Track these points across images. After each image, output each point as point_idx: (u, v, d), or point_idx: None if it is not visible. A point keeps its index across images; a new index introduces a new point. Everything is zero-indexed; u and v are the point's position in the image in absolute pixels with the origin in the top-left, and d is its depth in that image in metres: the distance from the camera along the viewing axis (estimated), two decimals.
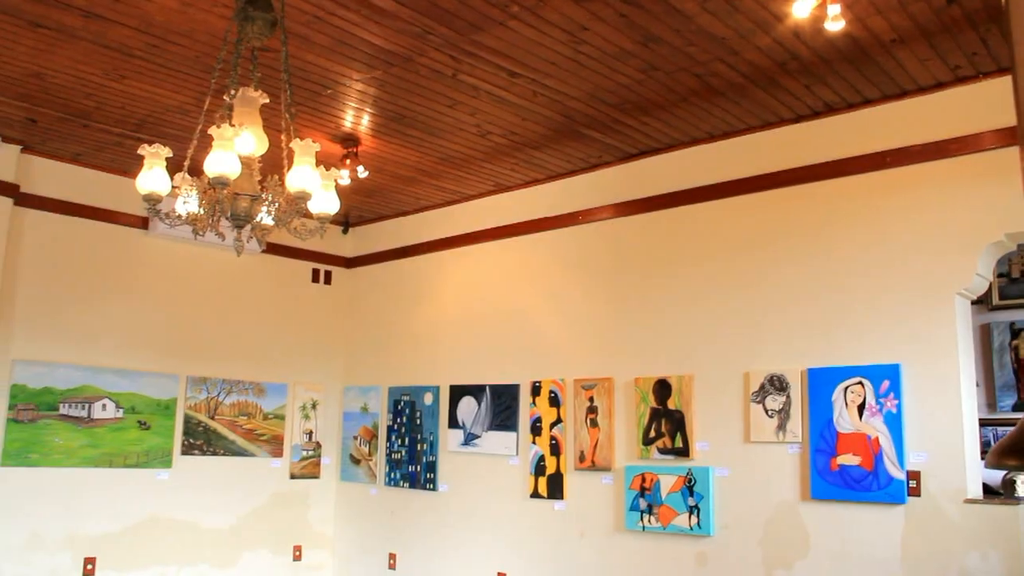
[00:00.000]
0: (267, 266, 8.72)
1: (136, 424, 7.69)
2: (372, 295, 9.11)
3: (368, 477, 8.70)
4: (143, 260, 7.88)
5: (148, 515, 7.71)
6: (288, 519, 8.69)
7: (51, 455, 7.19)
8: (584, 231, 7.18)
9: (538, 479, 7.12)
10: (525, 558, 7.16)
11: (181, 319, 8.08)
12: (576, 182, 7.29)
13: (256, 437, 8.50)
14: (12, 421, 7.02)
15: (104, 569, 7.40)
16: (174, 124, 6.44)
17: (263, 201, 4.25)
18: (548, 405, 7.15)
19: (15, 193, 7.10)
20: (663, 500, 6.25)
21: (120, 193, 7.63)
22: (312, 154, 4.14)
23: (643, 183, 6.81)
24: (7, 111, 6.42)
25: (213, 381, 8.23)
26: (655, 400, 6.43)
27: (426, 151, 6.94)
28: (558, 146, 6.71)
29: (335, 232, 9.29)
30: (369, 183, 7.60)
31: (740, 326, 6.09)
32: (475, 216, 8.07)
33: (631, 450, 6.56)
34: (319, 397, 9.05)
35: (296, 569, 8.71)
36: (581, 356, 7.03)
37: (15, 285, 7.13)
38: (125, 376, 7.64)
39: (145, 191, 4.24)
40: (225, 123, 4.00)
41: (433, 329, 8.32)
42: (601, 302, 6.97)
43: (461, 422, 7.83)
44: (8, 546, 6.93)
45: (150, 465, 7.74)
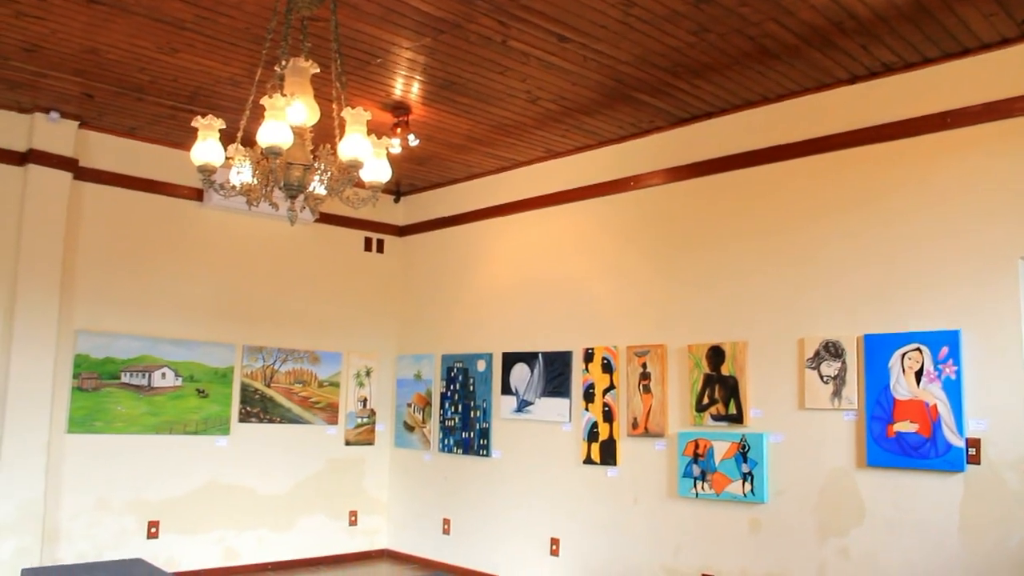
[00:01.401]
0: (320, 235, 8.80)
1: (195, 392, 7.84)
2: (424, 263, 9.16)
3: (422, 444, 8.79)
4: (198, 232, 8.00)
5: (208, 480, 7.89)
6: (343, 485, 8.82)
7: (114, 423, 7.38)
8: (636, 197, 7.13)
9: (591, 445, 7.14)
10: (578, 524, 7.19)
11: (236, 289, 8.20)
12: (628, 147, 7.23)
13: (311, 405, 8.62)
14: (77, 390, 7.21)
15: (167, 532, 7.60)
16: (226, 96, 6.50)
17: (315, 170, 4.28)
18: (601, 372, 7.14)
19: (74, 168, 7.24)
20: (716, 467, 6.23)
21: (175, 165, 7.74)
22: (363, 123, 4.14)
23: (695, 148, 6.73)
24: (65, 87, 6.53)
25: (269, 350, 8.35)
26: (708, 366, 6.39)
27: (477, 118, 6.92)
28: (609, 111, 6.64)
29: (387, 201, 9.33)
30: (420, 151, 7.61)
31: (795, 292, 6.01)
32: (526, 183, 8.05)
33: (684, 416, 6.54)
34: (373, 365, 9.14)
35: (352, 534, 8.85)
36: (634, 323, 7.00)
37: (76, 258, 7.29)
38: (183, 346, 7.79)
39: (199, 162, 4.29)
40: (277, 93, 4.02)
41: (485, 296, 8.35)
42: (653, 268, 6.93)
43: (514, 389, 7.87)
44: (78, 509, 7.16)
45: (209, 432, 7.91)
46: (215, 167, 4.31)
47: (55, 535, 7.04)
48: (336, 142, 4.23)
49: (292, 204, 4.36)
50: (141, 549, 7.39)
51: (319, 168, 4.28)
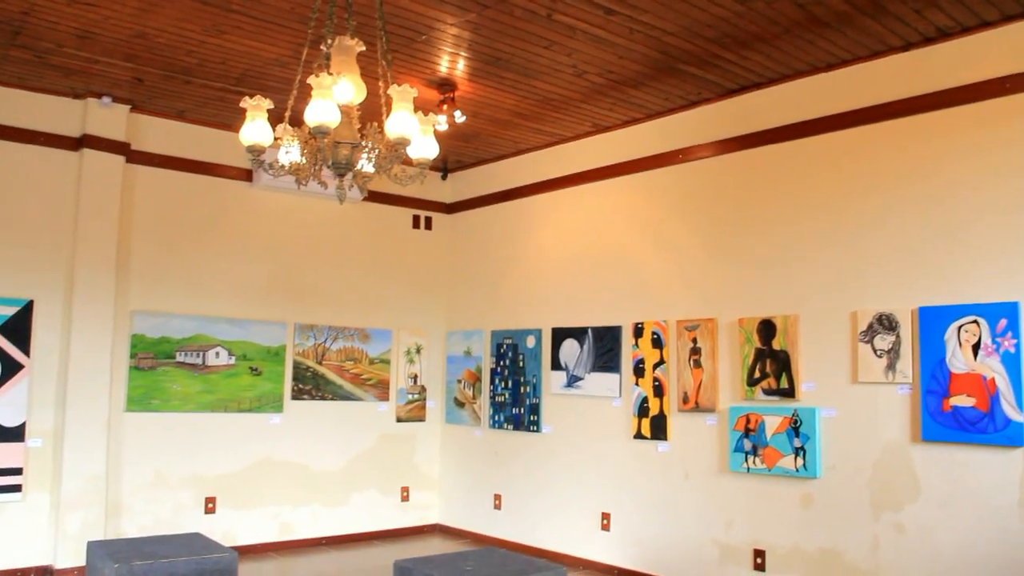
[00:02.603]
0: (368, 214, 8.86)
1: (248, 370, 7.97)
2: (473, 240, 9.18)
3: (472, 419, 8.85)
4: (248, 212, 8.10)
5: (262, 457, 8.02)
6: (395, 461, 8.92)
7: (170, 401, 7.52)
8: (685, 170, 7.06)
9: (641, 420, 7.13)
10: (629, 499, 7.20)
11: (287, 268, 8.30)
12: (675, 120, 7.16)
13: (363, 382, 8.71)
14: (134, 369, 7.36)
15: (223, 507, 7.76)
16: (273, 76, 6.55)
17: (363, 148, 4.30)
18: (651, 346, 7.12)
19: (126, 151, 7.36)
20: (768, 441, 6.19)
21: (224, 147, 7.84)
22: (410, 100, 4.15)
23: (744, 119, 6.64)
24: (116, 72, 6.63)
25: (320, 328, 8.45)
26: (759, 340, 6.34)
27: (523, 93, 6.90)
28: (656, 84, 6.58)
29: (434, 178, 9.35)
30: (467, 128, 7.62)
31: (847, 264, 5.92)
32: (574, 158, 8.02)
33: (735, 391, 6.50)
34: (423, 342, 9.20)
35: (404, 509, 8.96)
36: (683, 297, 6.96)
37: (131, 240, 7.43)
38: (236, 325, 7.91)
39: (248, 142, 4.33)
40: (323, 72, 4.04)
41: (534, 272, 8.35)
42: (703, 242, 6.87)
43: (564, 364, 7.87)
44: (138, 484, 7.34)
45: (262, 409, 8.03)
46: (264, 147, 4.35)
47: (117, 509, 7.22)
48: (383, 120, 4.25)
49: (340, 182, 4.39)
50: (199, 524, 7.55)
51: (367, 146, 4.30)
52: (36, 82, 6.90)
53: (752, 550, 6.28)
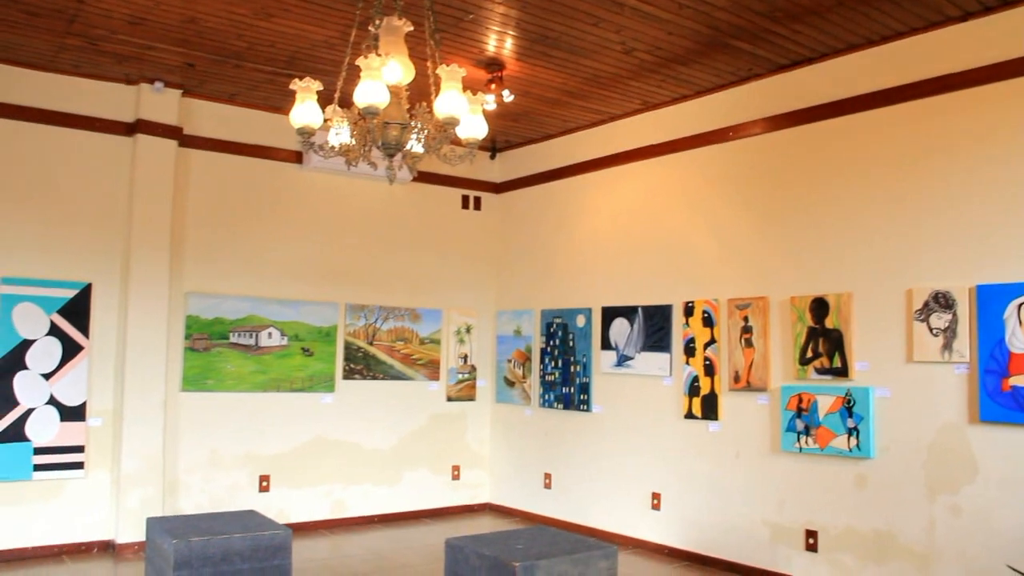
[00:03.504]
0: (418, 194, 8.88)
1: (300, 351, 8.06)
2: (522, 219, 9.17)
3: (523, 399, 8.87)
4: (299, 193, 8.17)
5: (314, 436, 8.13)
6: (446, 440, 8.98)
7: (225, 381, 7.64)
8: (736, 147, 6.98)
9: (692, 400, 7.09)
10: (679, 479, 7.18)
11: (338, 249, 8.36)
12: (725, 97, 7.07)
13: (413, 361, 8.77)
14: (189, 350, 7.48)
15: (277, 485, 7.88)
16: (322, 59, 6.58)
17: (412, 129, 4.31)
18: (702, 325, 7.07)
19: (179, 135, 7.46)
20: (821, 421, 6.12)
21: (274, 129, 7.91)
22: (458, 79, 4.15)
23: (796, 95, 6.54)
24: (167, 57, 6.71)
25: (370, 308, 8.51)
26: (812, 319, 6.26)
27: (571, 72, 6.86)
28: (706, 60, 6.50)
29: (483, 158, 9.35)
30: (515, 107, 7.60)
31: (901, 241, 5.82)
32: (623, 136, 7.96)
33: (787, 370, 6.44)
34: (473, 321, 9.23)
35: (455, 488, 9.02)
36: (734, 275, 6.89)
37: (184, 223, 7.54)
38: (288, 305, 8.00)
39: (299, 124, 4.37)
40: (372, 53, 4.05)
41: (583, 251, 8.32)
42: (754, 220, 6.80)
43: (614, 343, 7.85)
44: (195, 463, 7.48)
45: (314, 389, 8.12)
46: (314, 129, 4.38)
47: (175, 487, 7.37)
48: (432, 100, 4.26)
49: (390, 163, 4.41)
50: (253, 502, 7.68)
51: (416, 126, 4.31)
52: (91, 69, 7.02)
53: (804, 531, 6.23)
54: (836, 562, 6.03)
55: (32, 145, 6.95)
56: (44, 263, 6.95)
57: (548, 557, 4.38)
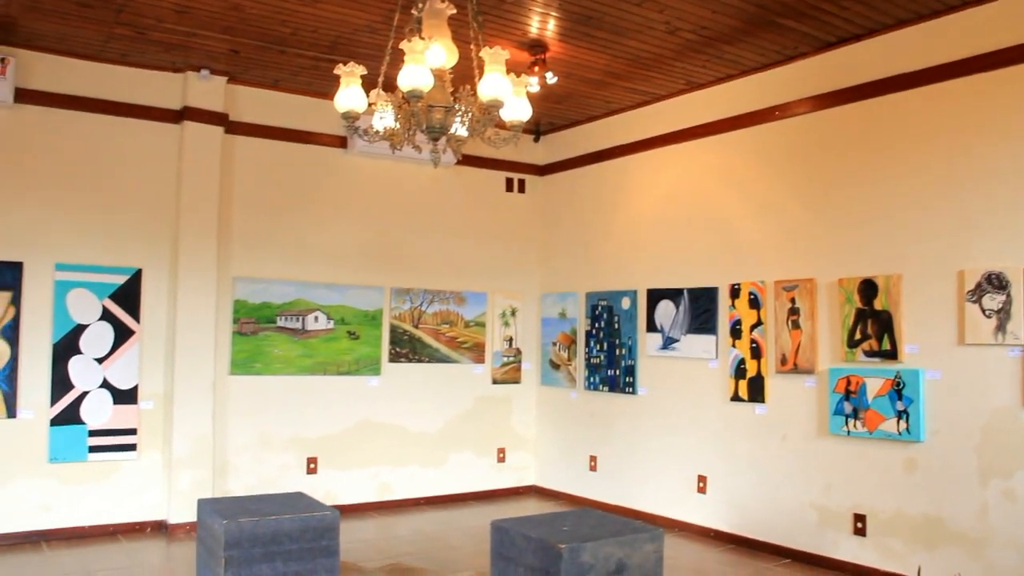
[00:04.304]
0: (462, 178, 8.89)
1: (346, 334, 8.12)
2: (566, 202, 9.14)
3: (568, 381, 8.87)
4: (344, 178, 8.22)
5: (361, 419, 8.20)
6: (491, 422, 9.01)
7: (272, 364, 7.73)
8: (782, 127, 6.89)
9: (738, 382, 7.04)
10: (725, 461, 7.14)
11: (382, 233, 8.40)
12: (771, 76, 6.97)
13: (458, 345, 8.80)
14: (237, 334, 7.58)
15: (325, 467, 7.97)
16: (365, 43, 6.59)
17: (456, 112, 4.31)
18: (748, 307, 7.01)
19: (225, 122, 7.53)
20: (869, 404, 6.05)
21: (318, 114, 7.96)
22: (502, 62, 4.14)
23: (844, 73, 6.43)
24: (213, 45, 6.77)
25: (415, 292, 8.55)
26: (860, 301, 6.18)
27: (614, 52, 6.81)
28: (752, 39, 6.41)
29: (527, 140, 9.33)
30: (558, 89, 7.56)
31: (952, 221, 5.70)
32: (668, 117, 7.89)
33: (835, 352, 6.36)
34: (518, 304, 9.24)
35: (500, 470, 9.06)
36: (781, 257, 6.82)
37: (231, 209, 7.62)
38: (334, 289, 8.06)
39: (343, 109, 4.39)
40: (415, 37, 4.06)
41: (628, 233, 8.28)
42: (801, 199, 6.71)
43: (659, 326, 7.82)
44: (244, 445, 7.59)
45: (361, 372, 8.19)
46: (358, 113, 4.40)
47: (224, 469, 7.48)
48: (476, 83, 4.25)
49: (435, 146, 4.42)
50: (301, 483, 7.77)
51: (460, 109, 4.31)
52: (138, 58, 7.10)
53: (852, 515, 6.17)
54: (885, 546, 5.97)
55: (83, 134, 7.07)
56: (96, 249, 7.08)
57: (594, 539, 4.38)
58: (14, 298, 6.73)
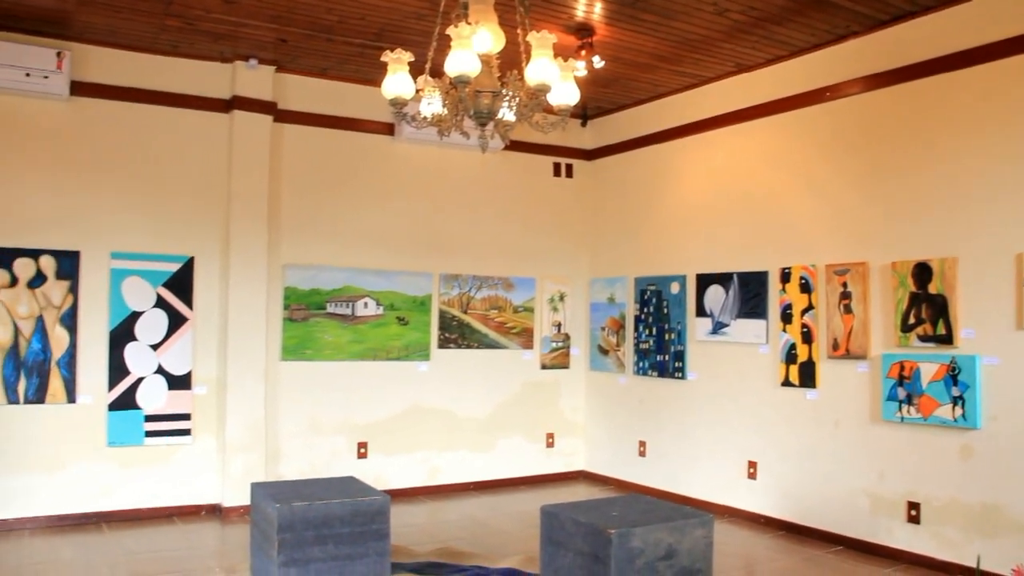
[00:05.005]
0: (509, 163, 8.89)
1: (395, 320, 8.18)
2: (614, 186, 9.10)
3: (616, 367, 8.85)
4: (392, 165, 8.25)
5: (411, 404, 8.25)
6: (540, 408, 9.02)
7: (323, 350, 7.81)
8: (833, 108, 6.78)
9: (789, 367, 6.97)
10: (776, 447, 7.08)
11: (431, 219, 8.43)
12: (822, 56, 6.86)
13: (507, 330, 8.82)
14: (288, 320, 7.66)
15: (375, 452, 8.04)
16: (411, 29, 6.60)
17: (504, 97, 4.31)
18: (799, 292, 6.93)
19: (273, 110, 7.60)
20: (924, 390, 5.95)
21: (366, 102, 7.99)
22: (549, 46, 4.13)
23: (897, 52, 6.30)
24: (261, 34, 6.83)
25: (464, 277, 8.57)
26: (914, 285, 6.07)
27: (662, 35, 6.75)
28: (802, 18, 6.31)
29: (574, 125, 9.29)
30: (605, 73, 7.51)
31: (1011, 202, 5.57)
32: (716, 100, 7.81)
33: (888, 337, 6.27)
34: (566, 289, 9.23)
35: (549, 455, 9.07)
36: (833, 240, 6.72)
37: (281, 196, 7.70)
38: (383, 276, 8.11)
39: (391, 95, 4.40)
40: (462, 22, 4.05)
41: (677, 217, 8.22)
42: (853, 183, 6.60)
43: (709, 311, 7.76)
44: (295, 430, 7.69)
45: (410, 358, 8.24)
46: (406, 99, 4.42)
47: (276, 454, 7.58)
48: (523, 68, 4.24)
49: (482, 131, 4.42)
50: (352, 468, 7.85)
51: (507, 94, 4.31)
52: (188, 49, 7.19)
53: (906, 502, 6.09)
54: (940, 535, 5.88)
55: (136, 125, 7.18)
56: (149, 238, 7.20)
57: (644, 525, 4.37)
58: (72, 286, 6.87)
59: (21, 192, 6.77)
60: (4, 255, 6.66)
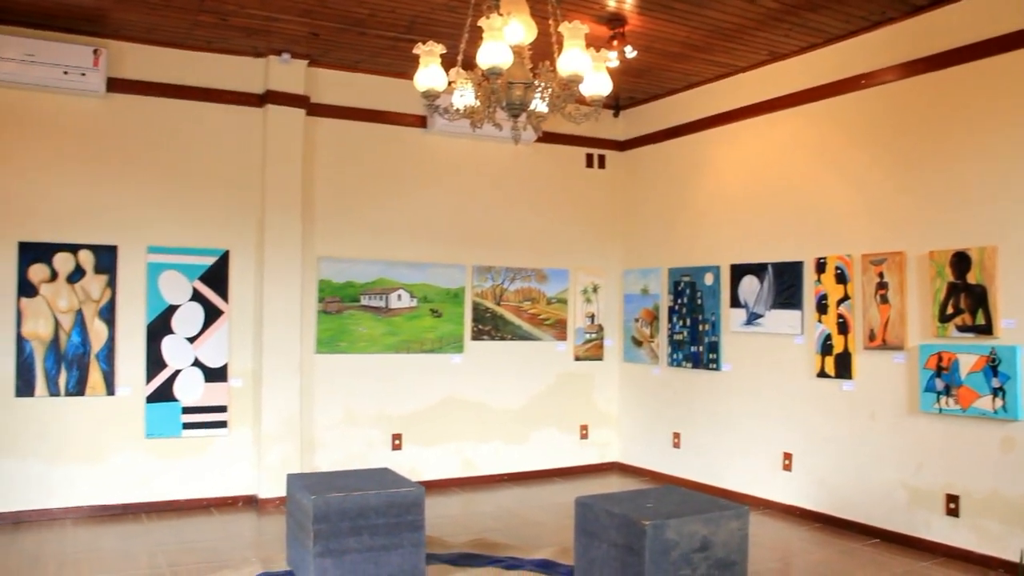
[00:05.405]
0: (542, 155, 8.87)
1: (429, 312, 8.20)
2: (647, 177, 9.06)
3: (650, 358, 8.82)
4: (424, 157, 8.27)
5: (445, 396, 8.28)
6: (574, 399, 9.02)
7: (357, 343, 7.85)
8: (869, 95, 6.70)
9: (825, 358, 6.91)
10: (811, 439, 7.03)
11: (464, 212, 8.44)
12: (857, 43, 6.78)
13: (540, 322, 8.82)
14: (322, 313, 7.71)
15: (409, 443, 8.08)
16: (443, 22, 6.60)
17: (536, 88, 4.30)
18: (834, 282, 6.86)
19: (306, 104, 7.64)
20: (963, 380, 5.88)
21: (398, 94, 8.01)
22: (581, 36, 4.12)
23: (933, 38, 6.21)
24: (293, 29, 6.86)
25: (497, 269, 8.58)
26: (952, 274, 5.99)
27: (694, 24, 6.70)
28: (836, 4, 6.24)
29: (606, 116, 9.25)
30: (637, 63, 7.47)
31: None
32: (750, 89, 7.74)
33: (926, 328, 6.19)
34: (600, 281, 9.21)
35: (583, 447, 9.06)
36: (869, 230, 6.65)
37: (314, 190, 7.74)
38: (416, 268, 8.14)
39: (423, 87, 4.41)
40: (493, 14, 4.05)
41: (711, 208, 8.17)
42: (889, 171, 6.52)
43: (743, 301, 7.71)
44: (331, 421, 7.74)
45: (444, 350, 8.26)
46: (438, 91, 4.42)
47: (311, 445, 7.64)
48: (555, 59, 4.23)
49: (515, 123, 4.42)
50: (386, 459, 7.90)
51: (540, 85, 4.30)
52: (221, 44, 7.24)
53: (944, 495, 6.02)
54: (980, 528, 5.80)
55: (171, 120, 7.25)
56: (185, 232, 7.27)
57: (678, 516, 4.36)
58: (110, 281, 6.96)
59: (60, 188, 6.86)
60: (44, 250, 6.76)
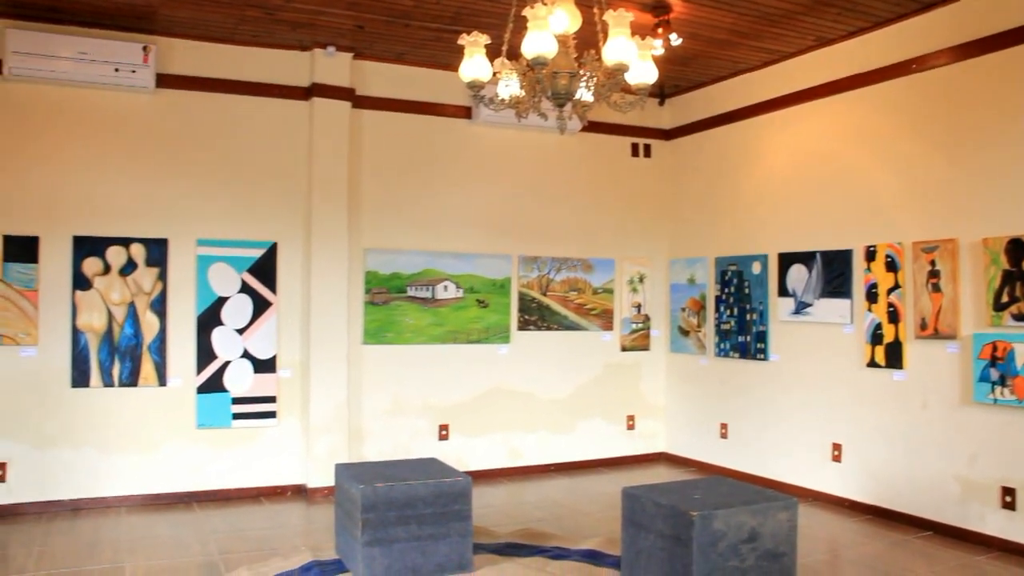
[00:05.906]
0: (587, 144, 8.84)
1: (475, 303, 8.22)
2: (693, 165, 8.99)
3: (697, 348, 8.76)
4: (469, 148, 8.28)
5: (491, 386, 8.30)
6: (620, 389, 8.99)
7: (403, 333, 7.90)
8: (919, 80, 6.58)
9: (875, 348, 6.82)
10: (861, 429, 6.94)
11: (509, 202, 8.44)
12: (907, 27, 6.66)
13: (586, 312, 8.80)
14: (369, 304, 7.76)
15: (456, 433, 8.11)
16: (487, 12, 6.60)
17: (581, 77, 4.29)
18: (885, 270, 6.76)
19: (352, 96, 7.68)
20: (1019, 371, 5.76)
21: (443, 86, 8.03)
22: (626, 24, 4.09)
23: (987, 19, 6.07)
24: (338, 22, 6.90)
25: (543, 259, 8.57)
26: (1008, 261, 5.87)
27: (740, 10, 6.62)
28: None
29: (652, 104, 9.20)
30: (683, 51, 7.41)
31: None
32: (797, 75, 7.64)
33: (980, 317, 6.08)
34: (646, 271, 9.16)
35: (630, 437, 9.04)
36: (920, 217, 6.54)
37: (360, 182, 7.79)
38: (462, 258, 8.16)
39: (468, 78, 4.42)
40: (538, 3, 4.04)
41: (758, 196, 8.09)
42: (940, 157, 6.40)
43: (791, 290, 7.63)
44: (377, 411, 7.80)
45: (490, 341, 8.28)
46: (484, 82, 4.42)
47: (359, 435, 7.71)
48: (600, 47, 4.21)
49: (560, 113, 4.41)
50: (433, 449, 7.94)
51: (585, 75, 4.28)
52: (267, 38, 7.30)
53: (1000, 488, 5.91)
54: None
55: (219, 114, 7.33)
56: (234, 225, 7.35)
57: (726, 507, 4.33)
58: (161, 273, 7.07)
59: (111, 183, 6.98)
60: (97, 244, 6.88)
